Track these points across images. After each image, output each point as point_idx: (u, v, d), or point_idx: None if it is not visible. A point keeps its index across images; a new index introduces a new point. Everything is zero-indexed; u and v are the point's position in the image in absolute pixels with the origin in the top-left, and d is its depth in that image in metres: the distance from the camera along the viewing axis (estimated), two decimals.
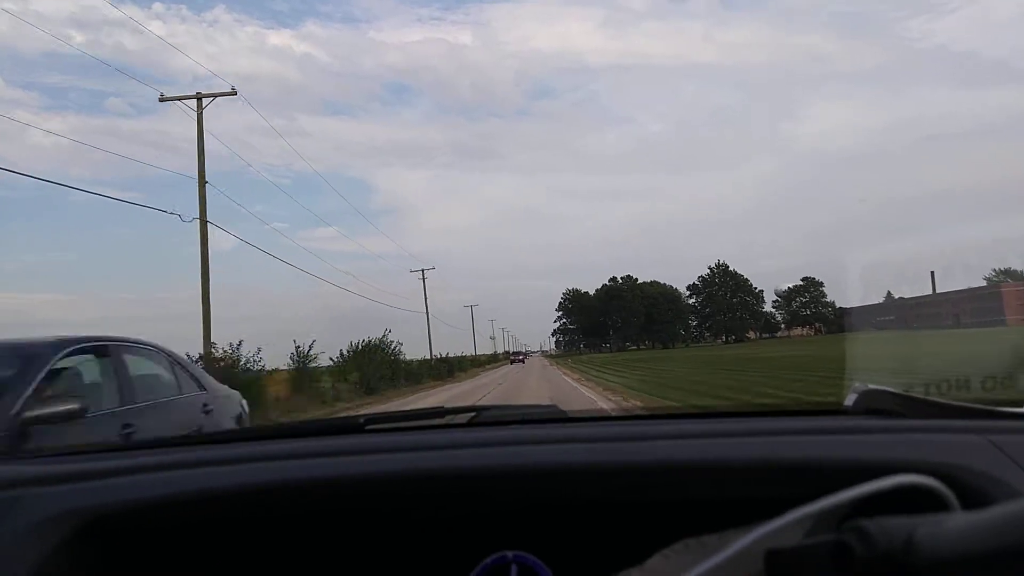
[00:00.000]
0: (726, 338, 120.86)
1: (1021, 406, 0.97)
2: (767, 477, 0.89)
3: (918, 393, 1.01)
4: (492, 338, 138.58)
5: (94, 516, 0.90)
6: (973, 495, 0.78)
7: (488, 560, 0.96)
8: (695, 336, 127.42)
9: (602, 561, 0.92)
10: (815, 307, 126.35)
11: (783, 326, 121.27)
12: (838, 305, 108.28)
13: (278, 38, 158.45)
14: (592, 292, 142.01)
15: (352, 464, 0.95)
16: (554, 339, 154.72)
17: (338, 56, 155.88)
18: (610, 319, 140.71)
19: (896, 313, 63.92)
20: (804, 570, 0.64)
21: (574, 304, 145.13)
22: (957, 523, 0.59)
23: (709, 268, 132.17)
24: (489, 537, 0.96)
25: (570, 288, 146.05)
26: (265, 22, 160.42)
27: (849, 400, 1.03)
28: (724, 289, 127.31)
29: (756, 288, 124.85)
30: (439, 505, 0.94)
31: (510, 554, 0.97)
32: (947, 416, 0.95)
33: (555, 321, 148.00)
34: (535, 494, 0.92)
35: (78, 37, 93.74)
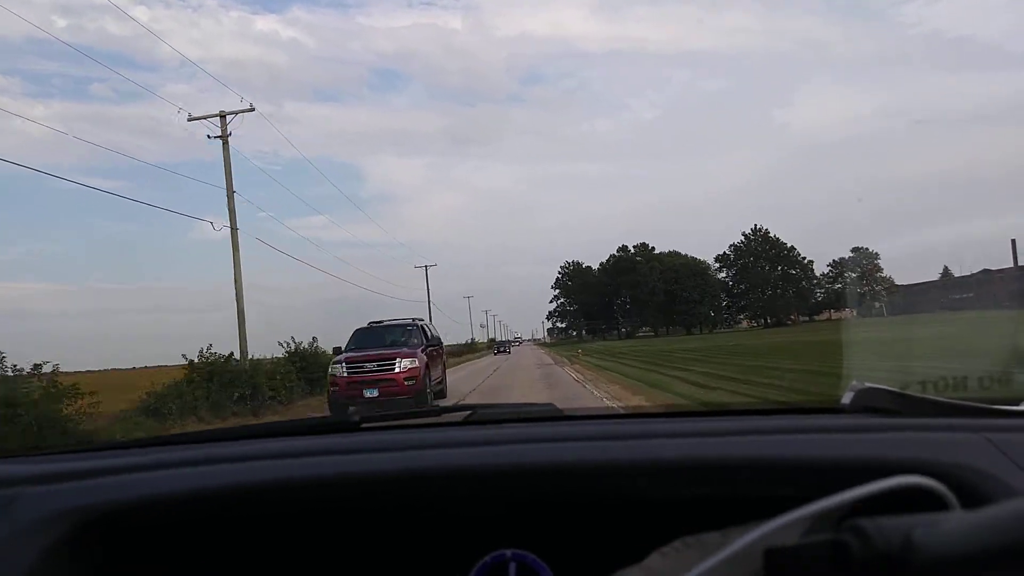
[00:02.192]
0: (766, 320, 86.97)
1: (1019, 404, 1.03)
2: (764, 475, 0.93)
3: (915, 391, 1.08)
4: (483, 326, 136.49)
5: (92, 514, 0.94)
6: (971, 494, 0.81)
7: (487, 558, 1.00)
8: (725, 319, 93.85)
9: (601, 559, 0.95)
10: (868, 283, 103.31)
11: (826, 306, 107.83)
12: (896, 282, 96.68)
13: (264, 23, 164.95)
14: (596, 267, 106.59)
15: (347, 463, 0.99)
16: (549, 323, 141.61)
17: (326, 41, 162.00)
18: (619, 298, 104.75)
19: (976, 289, 56.36)
20: (802, 569, 0.66)
21: (574, 280, 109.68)
22: (955, 522, 0.61)
23: (744, 235, 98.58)
24: (487, 536, 1.01)
25: (569, 261, 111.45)
26: (251, 7, 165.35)
27: (846, 398, 1.08)
28: (763, 260, 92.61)
29: (803, 258, 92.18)
30: (436, 504, 0.99)
31: (508, 552, 1.01)
32: (945, 414, 1.00)
33: (551, 301, 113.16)
34: (532, 492, 0.97)
35: (61, 22, 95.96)
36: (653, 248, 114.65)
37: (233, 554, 1.03)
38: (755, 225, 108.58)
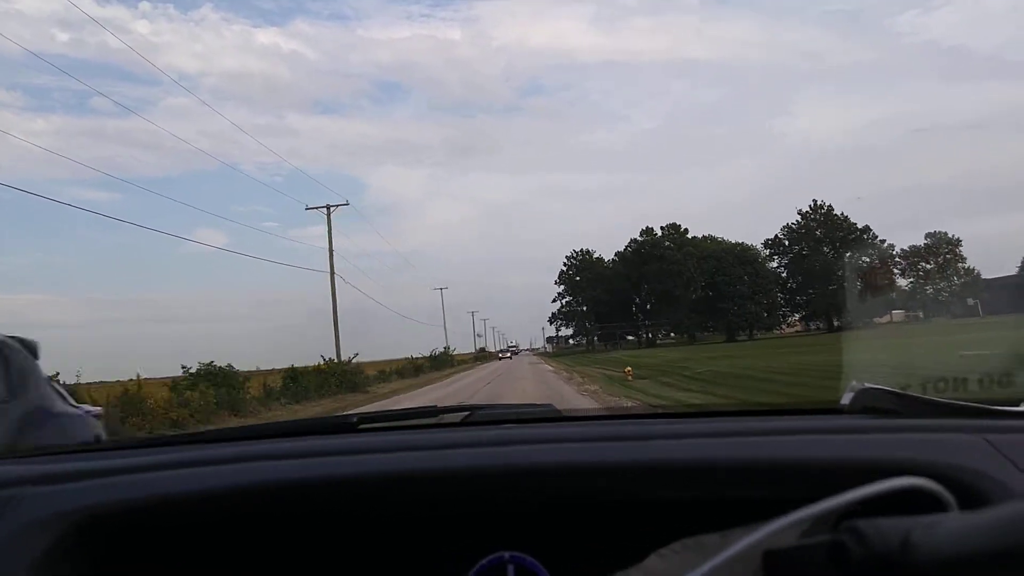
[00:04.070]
0: (830, 323, 57.17)
1: (1018, 405, 1.09)
2: (763, 476, 0.97)
3: (915, 392, 1.15)
4: (479, 335, 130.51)
5: (90, 515, 0.97)
6: (970, 495, 0.84)
7: (485, 561, 1.04)
8: (765, 320, 65.39)
9: (599, 561, 0.99)
10: (944, 276, 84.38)
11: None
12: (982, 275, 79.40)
13: (265, 36, 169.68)
14: (611, 259, 78.12)
15: (345, 464, 1.03)
16: (552, 327, 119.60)
17: (327, 54, 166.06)
18: (640, 294, 74.91)
19: None
20: (801, 571, 0.68)
21: (583, 274, 79.73)
22: (954, 524, 0.63)
23: (800, 213, 70.46)
24: (486, 537, 1.06)
25: (577, 250, 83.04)
26: (252, 20, 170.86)
27: (845, 399, 1.13)
28: (826, 244, 62.82)
29: (880, 240, 64.60)
30: (434, 505, 1.03)
31: (507, 554, 1.04)
32: (944, 415, 1.05)
33: (553, 300, 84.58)
34: (530, 494, 1.01)
35: (62, 36, 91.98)
36: (686, 230, 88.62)
37: (233, 555, 1.08)
38: (814, 200, 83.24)
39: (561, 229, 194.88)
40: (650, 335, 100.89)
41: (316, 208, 38.83)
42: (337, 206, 38.80)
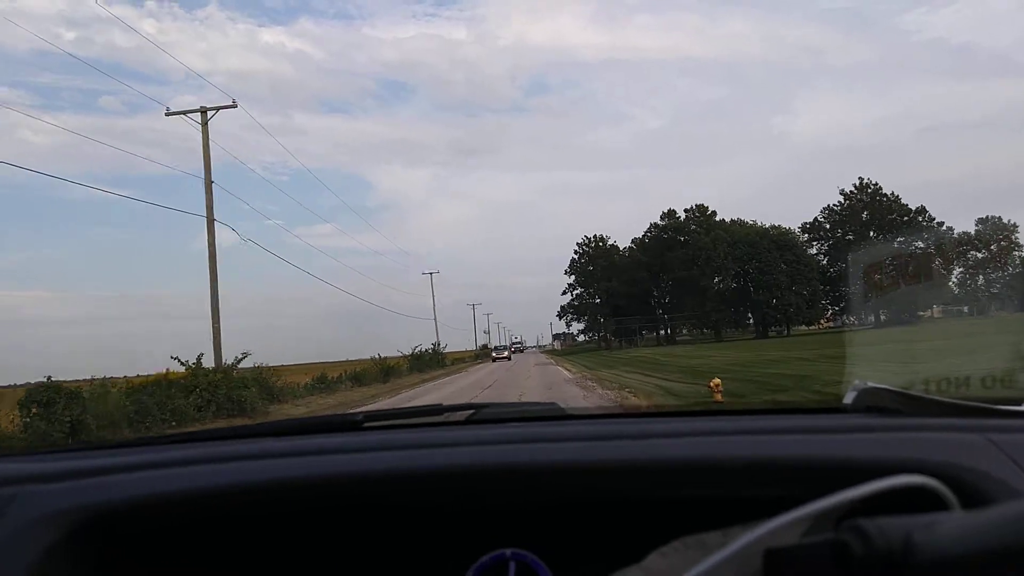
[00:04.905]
0: (877, 316, 44.35)
1: (1021, 404, 1.13)
2: (765, 475, 0.99)
3: (918, 391, 1.19)
4: (486, 332, 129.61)
5: (92, 513, 0.99)
6: (972, 494, 0.88)
7: (486, 558, 1.06)
8: (808, 315, 53.09)
9: (601, 559, 1.04)
10: (1001, 263, 73.44)
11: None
12: None
13: (271, 35, 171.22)
14: (627, 247, 65.17)
15: (350, 461, 1.07)
16: (562, 321, 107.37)
17: (332, 53, 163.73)
18: (660, 286, 62.10)
19: None
20: (803, 570, 0.70)
21: (596, 263, 66.78)
22: (956, 523, 0.64)
23: (843, 193, 57.21)
24: (487, 535, 1.10)
25: (589, 236, 70.63)
26: (258, 19, 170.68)
27: (848, 398, 1.18)
28: (873, 228, 49.76)
29: (938, 223, 50.92)
30: (437, 503, 1.07)
31: (508, 552, 1.07)
32: (946, 414, 1.09)
33: (563, 292, 72.17)
34: (533, 492, 1.05)
35: (68, 35, 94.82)
36: (714, 212, 78.05)
37: (234, 553, 1.13)
38: (860, 179, 72.47)
39: (568, 227, 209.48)
40: (668, 330, 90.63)
41: (184, 113, 24.21)
42: (218, 109, 24.01)
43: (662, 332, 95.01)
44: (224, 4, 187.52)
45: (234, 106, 23.00)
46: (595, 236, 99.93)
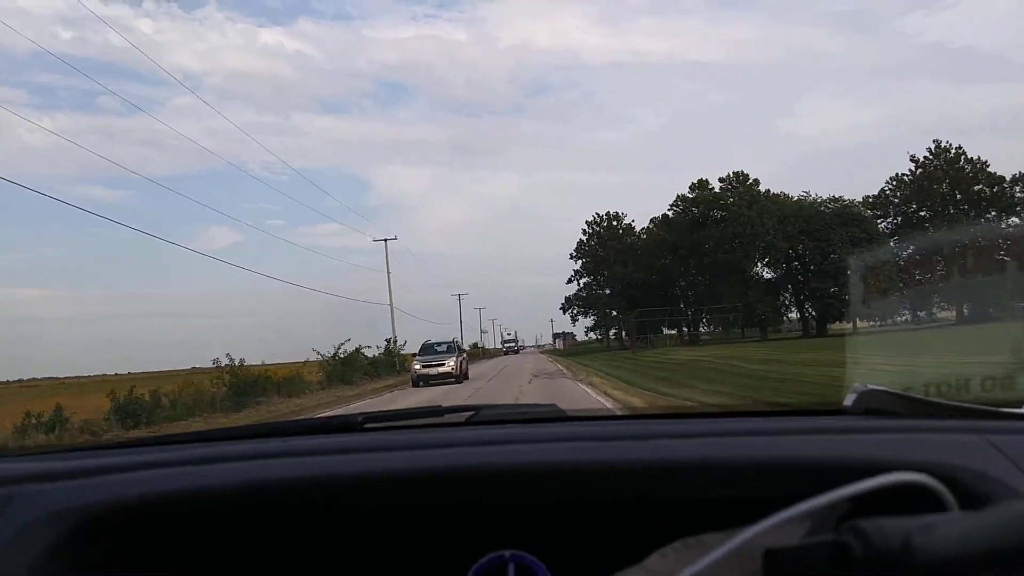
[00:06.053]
0: (960, 311, 24.51)
1: (1020, 407, 1.21)
2: (766, 476, 1.02)
3: (918, 393, 1.26)
4: (484, 332, 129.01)
5: (92, 513, 1.02)
6: (971, 495, 0.89)
7: (485, 559, 1.10)
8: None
9: (600, 560, 1.08)
10: None
11: None
12: None
13: (270, 36, 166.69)
14: (645, 227, 47.78)
15: (350, 462, 1.10)
16: (567, 315, 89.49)
17: (332, 54, 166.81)
18: (689, 273, 43.27)
19: None
20: (802, 570, 0.72)
21: (609, 246, 48.01)
22: (955, 524, 0.67)
23: (914, 160, 38.70)
24: (487, 536, 1.14)
25: (601, 214, 52.29)
26: (257, 19, 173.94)
27: (848, 400, 1.23)
28: (951, 204, 30.63)
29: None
30: (437, 504, 1.11)
31: (507, 553, 1.10)
32: (946, 416, 1.14)
33: (568, 281, 54.00)
34: (533, 493, 1.08)
35: (64, 34, 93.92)
36: (756, 181, 62.98)
37: (235, 553, 1.16)
38: (936, 142, 57.48)
39: (568, 227, 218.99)
40: (691, 327, 75.21)
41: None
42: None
43: (686, 329, 78.82)
44: (222, 4, 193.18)
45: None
46: (608, 213, 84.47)
